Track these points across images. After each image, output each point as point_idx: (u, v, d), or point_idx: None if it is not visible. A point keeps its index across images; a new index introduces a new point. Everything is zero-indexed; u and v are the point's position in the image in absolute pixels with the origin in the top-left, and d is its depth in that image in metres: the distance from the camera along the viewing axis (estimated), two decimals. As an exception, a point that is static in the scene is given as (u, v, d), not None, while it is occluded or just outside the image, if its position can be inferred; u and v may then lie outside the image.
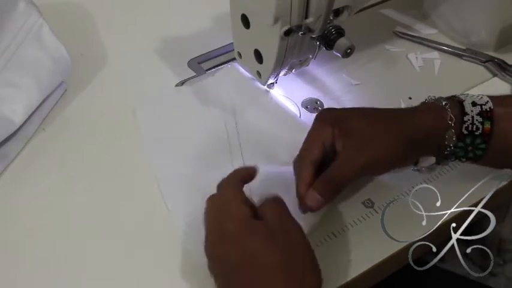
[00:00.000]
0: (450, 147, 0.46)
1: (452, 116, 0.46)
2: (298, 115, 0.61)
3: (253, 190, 0.48)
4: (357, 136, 0.46)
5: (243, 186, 0.44)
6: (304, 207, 0.47)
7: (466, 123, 0.46)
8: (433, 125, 0.46)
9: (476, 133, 0.46)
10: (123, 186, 0.54)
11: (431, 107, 0.48)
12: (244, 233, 0.40)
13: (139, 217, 0.51)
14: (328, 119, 0.48)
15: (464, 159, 0.48)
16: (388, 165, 0.48)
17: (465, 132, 0.46)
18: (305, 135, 0.49)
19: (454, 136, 0.46)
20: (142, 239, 0.49)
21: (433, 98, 0.49)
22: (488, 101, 0.46)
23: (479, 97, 0.47)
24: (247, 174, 0.46)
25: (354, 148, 0.46)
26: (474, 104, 0.46)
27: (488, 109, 0.46)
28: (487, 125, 0.45)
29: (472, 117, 0.46)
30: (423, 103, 0.50)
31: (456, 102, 0.47)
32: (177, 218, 0.50)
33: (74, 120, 0.61)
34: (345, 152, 0.46)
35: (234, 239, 0.40)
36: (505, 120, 0.46)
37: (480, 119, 0.46)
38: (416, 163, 0.51)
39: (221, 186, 0.45)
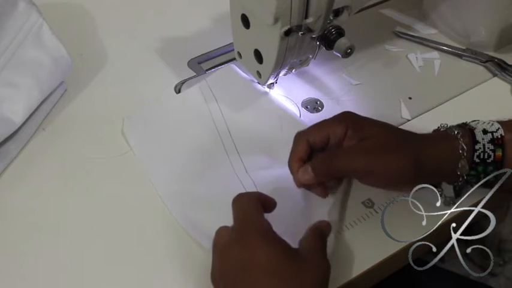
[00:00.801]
0: (463, 176, 0.47)
1: (464, 145, 0.46)
2: (298, 115, 0.61)
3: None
4: (369, 141, 0.47)
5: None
6: (295, 181, 0.48)
7: (478, 152, 0.46)
8: (446, 155, 0.46)
9: (488, 161, 0.46)
10: (123, 186, 0.54)
11: (443, 136, 0.48)
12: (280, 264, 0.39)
13: (139, 217, 0.51)
14: (347, 120, 0.49)
15: (477, 186, 0.47)
16: (387, 182, 0.48)
17: (477, 160, 0.46)
18: None
19: (467, 166, 0.46)
20: (142, 238, 0.49)
21: (445, 125, 0.49)
22: (499, 128, 0.47)
23: (490, 124, 0.47)
24: (266, 202, 0.46)
25: (362, 148, 0.46)
26: (485, 131, 0.46)
27: (499, 136, 0.46)
28: (499, 152, 0.46)
29: (484, 145, 0.46)
30: (435, 131, 0.50)
31: (467, 130, 0.47)
32: (186, 225, 0.50)
33: (74, 120, 0.61)
34: (352, 148, 0.47)
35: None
36: None
37: (492, 147, 0.46)
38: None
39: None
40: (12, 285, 0.46)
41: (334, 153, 0.48)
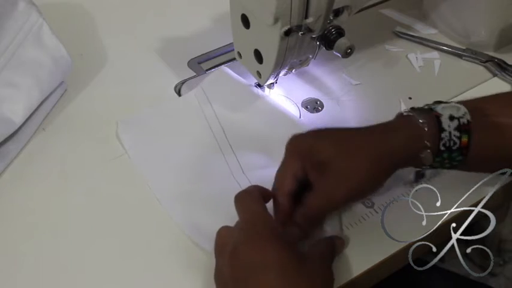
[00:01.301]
0: (426, 165, 0.46)
1: (428, 134, 0.45)
2: (298, 115, 0.61)
3: None
4: (333, 167, 0.44)
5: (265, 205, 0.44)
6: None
7: (444, 140, 0.45)
8: (411, 147, 0.45)
9: (453, 148, 0.45)
10: (123, 187, 0.54)
11: (408, 125, 0.46)
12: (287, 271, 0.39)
13: (139, 217, 0.51)
14: (298, 150, 0.46)
15: (440, 169, 0.48)
16: (367, 193, 0.48)
17: (442, 148, 0.45)
18: None
19: (431, 156, 0.45)
20: (142, 238, 0.49)
21: (408, 111, 0.47)
22: (466, 113, 0.45)
23: (457, 108, 0.46)
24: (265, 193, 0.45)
25: (331, 181, 0.44)
26: (452, 117, 0.45)
27: (466, 122, 0.45)
28: (465, 138, 0.45)
29: (450, 132, 0.45)
30: (399, 117, 0.48)
31: (433, 117, 0.45)
32: (185, 228, 0.50)
33: (74, 120, 0.61)
34: (322, 186, 0.45)
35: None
36: (481, 129, 0.45)
37: (458, 134, 0.45)
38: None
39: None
40: (12, 285, 0.46)
41: (308, 208, 0.45)
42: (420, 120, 0.45)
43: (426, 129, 0.45)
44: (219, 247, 0.43)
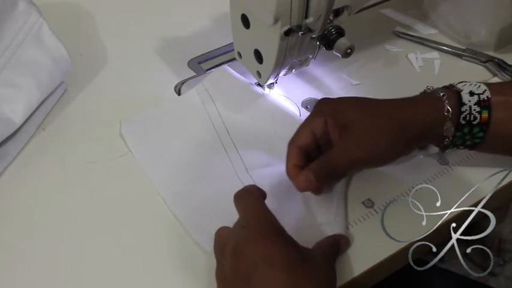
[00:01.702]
0: (448, 138, 0.47)
1: (449, 107, 0.46)
2: (298, 115, 0.61)
3: None
4: (354, 129, 0.46)
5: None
6: (297, 187, 0.47)
7: (464, 114, 0.46)
8: (431, 118, 0.47)
9: (474, 122, 0.46)
10: (123, 187, 0.54)
11: (428, 98, 0.48)
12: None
13: (139, 217, 0.51)
14: (324, 110, 0.49)
15: (462, 147, 0.49)
16: (385, 159, 0.48)
17: (463, 122, 0.47)
18: None
19: (452, 127, 0.46)
20: (142, 239, 0.49)
21: (431, 88, 0.50)
22: (486, 90, 0.47)
23: (477, 86, 0.47)
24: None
25: (351, 140, 0.46)
26: (472, 93, 0.47)
27: (486, 98, 0.46)
28: (485, 114, 0.46)
29: (470, 107, 0.46)
30: (421, 93, 0.50)
31: (454, 92, 0.48)
32: (188, 224, 0.50)
33: (74, 120, 0.61)
34: (342, 143, 0.47)
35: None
36: (503, 109, 0.46)
37: (478, 109, 0.46)
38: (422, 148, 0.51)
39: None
40: (12, 285, 0.46)
41: (327, 158, 0.47)
42: (441, 93, 0.47)
43: (447, 102, 0.46)
44: (220, 246, 0.43)
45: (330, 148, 0.48)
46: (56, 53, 0.60)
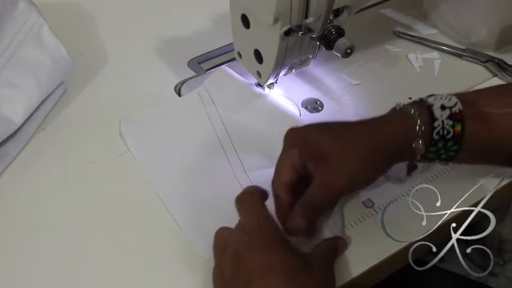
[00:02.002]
0: (419, 155, 0.46)
1: (421, 124, 0.45)
2: (298, 115, 0.61)
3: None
4: (329, 159, 0.45)
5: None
6: (287, 232, 0.45)
7: (437, 129, 0.45)
8: (403, 137, 0.46)
9: (447, 137, 0.45)
10: (123, 186, 0.54)
11: (399, 116, 0.47)
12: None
13: (140, 217, 0.51)
14: (295, 140, 0.47)
15: (437, 162, 0.48)
16: (364, 184, 0.48)
17: (436, 137, 0.45)
18: None
19: (422, 145, 0.45)
20: (142, 239, 0.49)
21: (400, 104, 0.48)
22: (457, 102, 0.46)
23: (448, 99, 0.46)
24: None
25: (329, 171, 0.45)
26: (443, 107, 0.46)
27: (457, 110, 0.45)
28: (458, 127, 0.45)
29: (443, 121, 0.45)
30: (392, 110, 0.49)
31: (425, 108, 0.46)
32: (186, 227, 0.50)
33: (74, 120, 0.61)
34: (321, 176, 0.45)
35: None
36: (475, 120, 0.46)
37: (451, 122, 0.45)
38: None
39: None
40: (12, 285, 0.46)
41: (310, 198, 0.45)
42: (412, 111, 0.46)
43: (418, 119, 0.45)
44: (219, 248, 0.43)
45: (310, 180, 0.46)
46: (56, 53, 0.60)
